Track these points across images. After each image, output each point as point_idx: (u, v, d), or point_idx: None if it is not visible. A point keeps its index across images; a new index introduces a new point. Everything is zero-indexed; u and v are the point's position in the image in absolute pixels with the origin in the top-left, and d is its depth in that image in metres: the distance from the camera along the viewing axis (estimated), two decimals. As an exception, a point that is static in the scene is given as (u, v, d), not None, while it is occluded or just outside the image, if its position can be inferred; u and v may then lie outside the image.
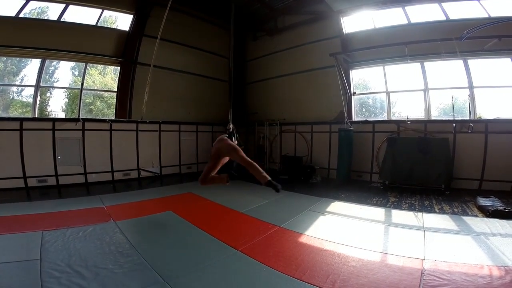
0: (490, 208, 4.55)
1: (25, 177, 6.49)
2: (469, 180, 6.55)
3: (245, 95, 11.86)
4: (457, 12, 6.89)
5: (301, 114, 9.70)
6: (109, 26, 8.21)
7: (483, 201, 5.00)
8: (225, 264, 2.93)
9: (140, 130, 8.38)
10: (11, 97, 7.02)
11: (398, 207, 5.26)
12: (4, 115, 6.70)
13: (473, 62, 6.72)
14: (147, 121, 8.26)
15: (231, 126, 4.09)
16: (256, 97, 11.45)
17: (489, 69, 6.57)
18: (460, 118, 6.82)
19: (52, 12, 7.14)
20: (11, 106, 6.97)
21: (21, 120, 6.52)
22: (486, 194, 5.54)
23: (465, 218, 4.43)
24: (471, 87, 6.72)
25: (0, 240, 3.35)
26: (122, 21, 8.41)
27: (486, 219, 4.30)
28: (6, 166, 6.28)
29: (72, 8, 7.34)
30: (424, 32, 7.00)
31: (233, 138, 4.07)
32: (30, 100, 6.97)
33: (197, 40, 9.99)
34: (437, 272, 2.66)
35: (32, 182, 6.57)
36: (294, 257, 3.09)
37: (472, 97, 6.69)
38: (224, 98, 11.24)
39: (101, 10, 7.87)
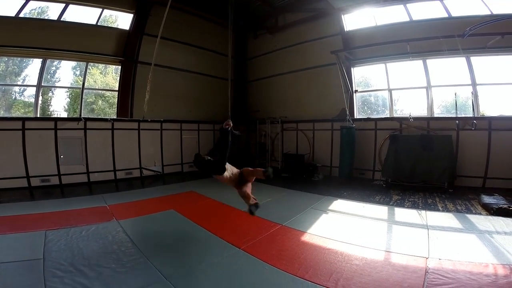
0: (494, 206, 4.53)
1: (28, 177, 6.53)
2: (473, 178, 6.51)
3: (246, 93, 11.84)
4: (459, 9, 6.85)
5: (302, 111, 9.68)
6: (109, 26, 8.20)
7: (487, 199, 4.97)
8: (228, 263, 2.93)
9: (141, 129, 8.40)
10: (13, 97, 7.04)
11: (401, 205, 5.23)
12: (7, 115, 6.72)
13: (476, 59, 6.66)
14: (149, 120, 8.27)
15: (230, 122, 3.58)
16: (257, 95, 11.44)
17: (492, 66, 6.51)
18: (463, 115, 6.77)
19: (52, 11, 7.14)
20: (14, 106, 6.98)
21: (23, 119, 6.55)
22: (490, 192, 5.51)
23: (469, 216, 4.40)
24: (474, 84, 6.67)
25: (4, 239, 3.37)
26: (123, 20, 8.41)
27: (490, 217, 4.27)
28: (9, 166, 6.33)
29: (72, 7, 7.33)
30: (426, 29, 6.94)
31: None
32: (32, 100, 6.99)
33: (198, 38, 9.96)
34: (442, 271, 2.64)
35: (35, 182, 6.61)
36: (296, 256, 3.08)
37: (475, 94, 6.63)
38: (226, 97, 11.21)
39: (101, 10, 7.86)
